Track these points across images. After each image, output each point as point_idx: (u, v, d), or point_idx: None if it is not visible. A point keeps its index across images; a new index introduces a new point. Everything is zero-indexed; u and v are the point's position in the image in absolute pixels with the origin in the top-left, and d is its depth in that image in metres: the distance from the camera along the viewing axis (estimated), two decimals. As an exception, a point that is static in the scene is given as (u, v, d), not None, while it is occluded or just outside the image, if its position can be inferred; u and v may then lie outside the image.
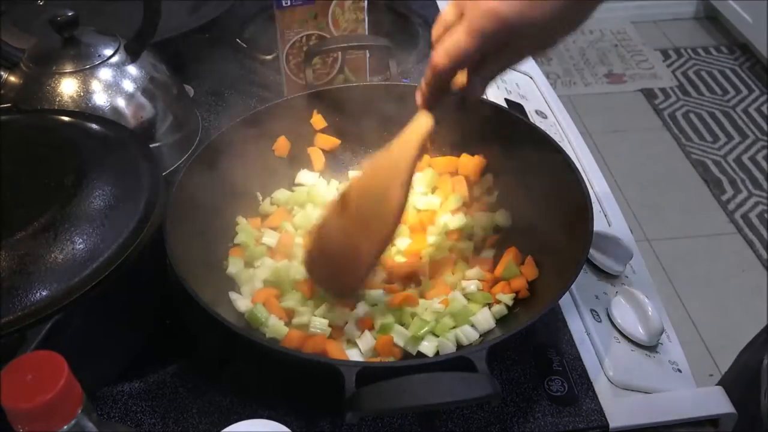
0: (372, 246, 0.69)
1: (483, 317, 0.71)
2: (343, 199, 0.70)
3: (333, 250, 0.70)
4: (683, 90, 2.81)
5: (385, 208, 0.67)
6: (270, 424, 0.51)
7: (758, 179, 2.39)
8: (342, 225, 0.69)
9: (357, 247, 0.69)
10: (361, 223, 0.68)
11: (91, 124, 0.74)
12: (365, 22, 0.98)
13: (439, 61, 0.59)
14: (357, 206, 0.69)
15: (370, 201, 0.68)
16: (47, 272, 0.57)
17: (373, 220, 0.68)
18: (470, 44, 0.57)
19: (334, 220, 0.70)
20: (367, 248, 0.69)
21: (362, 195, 0.69)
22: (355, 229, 0.69)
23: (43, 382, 0.39)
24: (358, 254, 0.69)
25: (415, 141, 0.67)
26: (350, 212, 0.69)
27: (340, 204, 0.70)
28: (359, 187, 0.70)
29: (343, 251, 0.70)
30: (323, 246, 0.71)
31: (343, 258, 0.70)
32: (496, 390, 0.54)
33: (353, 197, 0.69)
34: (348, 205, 0.69)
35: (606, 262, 0.80)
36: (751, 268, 2.11)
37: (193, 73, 1.10)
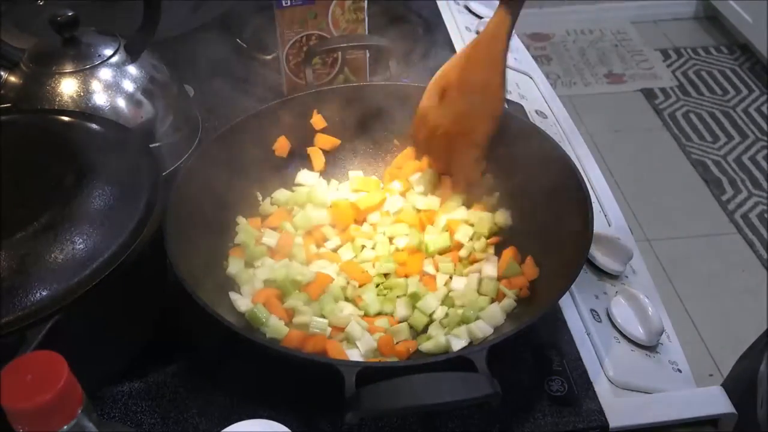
0: (482, 128, 0.78)
1: (493, 311, 0.71)
2: (441, 91, 0.78)
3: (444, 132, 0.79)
4: (683, 90, 2.81)
5: (490, 94, 0.76)
6: (270, 424, 0.51)
7: (758, 179, 2.39)
8: (446, 112, 0.78)
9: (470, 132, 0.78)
10: (468, 111, 0.77)
11: (91, 124, 0.74)
12: (365, 22, 0.98)
13: None
14: (459, 96, 0.77)
15: (472, 91, 0.77)
16: (47, 272, 0.57)
17: (481, 106, 0.76)
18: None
19: (436, 109, 0.79)
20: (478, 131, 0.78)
21: (463, 86, 0.77)
22: (462, 115, 0.78)
23: (43, 382, 0.39)
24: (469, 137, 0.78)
25: (501, 38, 0.74)
26: (453, 101, 0.78)
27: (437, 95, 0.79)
28: (457, 80, 0.77)
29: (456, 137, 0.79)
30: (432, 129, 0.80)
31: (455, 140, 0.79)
32: (496, 390, 0.54)
33: (453, 90, 0.78)
34: (449, 96, 0.78)
35: (606, 262, 0.80)
36: (751, 268, 2.11)
37: (193, 73, 1.10)
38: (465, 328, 0.70)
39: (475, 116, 0.77)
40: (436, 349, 0.69)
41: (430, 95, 0.79)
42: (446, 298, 0.74)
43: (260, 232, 0.80)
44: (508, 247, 0.78)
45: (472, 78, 0.76)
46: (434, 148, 0.82)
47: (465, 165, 0.81)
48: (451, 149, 0.81)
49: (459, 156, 0.81)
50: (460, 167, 0.81)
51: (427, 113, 0.80)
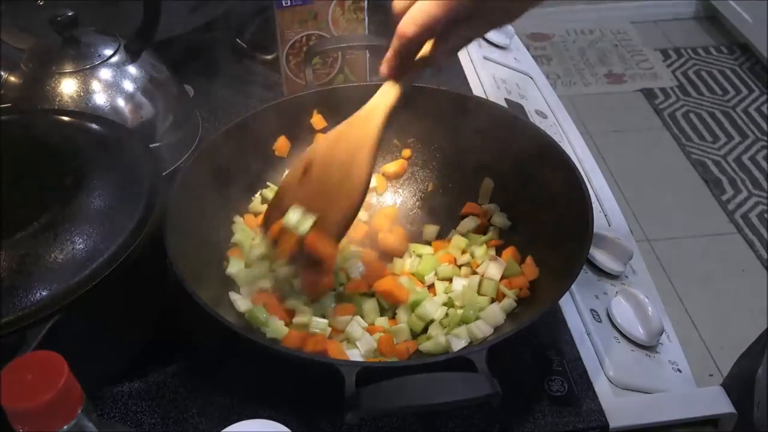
0: (336, 216, 0.67)
1: (493, 311, 0.71)
2: (306, 166, 0.68)
3: None
4: (683, 90, 2.81)
5: (350, 179, 0.66)
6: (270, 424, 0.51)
7: (758, 179, 2.39)
8: (303, 193, 0.68)
9: (322, 216, 0.67)
10: (325, 192, 0.67)
11: (91, 124, 0.74)
12: (365, 22, 0.98)
13: (408, 30, 0.59)
14: (321, 174, 0.68)
15: (334, 170, 0.67)
16: (47, 272, 0.57)
17: (338, 190, 0.67)
18: (440, 12, 0.57)
19: (295, 186, 0.69)
20: (332, 218, 0.67)
21: (326, 164, 0.68)
22: (318, 197, 0.67)
23: (43, 382, 0.39)
24: (322, 224, 0.67)
25: (381, 112, 0.67)
26: (313, 180, 0.68)
27: (301, 170, 0.69)
28: (323, 155, 0.68)
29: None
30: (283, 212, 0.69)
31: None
32: (496, 390, 0.54)
33: (316, 166, 0.68)
34: (311, 173, 0.68)
35: (606, 262, 0.80)
36: (751, 268, 2.11)
37: (193, 73, 1.10)
38: (465, 328, 0.70)
39: (331, 198, 0.67)
40: (436, 349, 0.69)
41: (293, 172, 0.70)
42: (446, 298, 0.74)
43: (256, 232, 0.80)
44: (508, 247, 0.78)
45: (338, 154, 0.67)
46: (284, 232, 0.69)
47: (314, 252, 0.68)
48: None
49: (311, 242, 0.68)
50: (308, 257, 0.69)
51: (287, 189, 0.69)
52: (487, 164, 0.84)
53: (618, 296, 0.76)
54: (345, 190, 0.66)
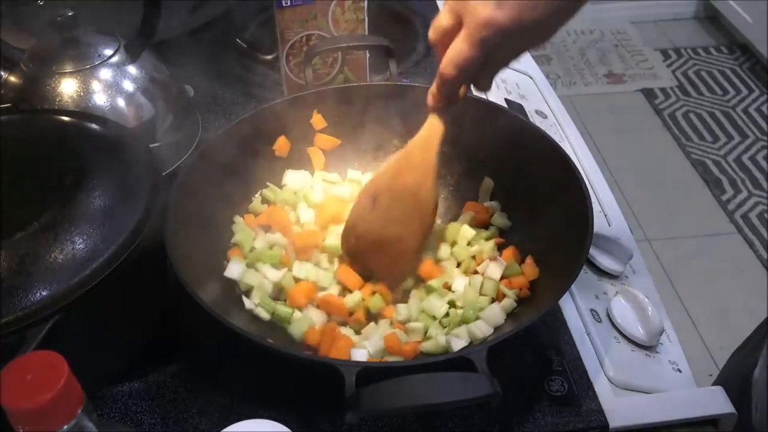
0: (414, 235, 0.74)
1: (493, 311, 0.71)
2: (373, 198, 0.75)
3: (376, 241, 0.75)
4: (683, 90, 2.81)
5: (420, 206, 0.74)
6: (270, 424, 0.51)
7: (758, 179, 2.39)
8: (378, 220, 0.74)
9: (400, 239, 0.74)
10: (398, 219, 0.74)
11: (91, 124, 0.74)
12: (365, 22, 0.98)
13: (448, 72, 0.62)
14: (389, 206, 0.74)
15: (402, 201, 0.74)
16: (47, 272, 0.57)
17: (410, 216, 0.74)
18: (474, 53, 0.60)
19: (368, 216, 0.75)
20: (412, 239, 0.74)
21: (395, 194, 0.74)
22: (392, 224, 0.74)
23: (43, 382, 0.39)
24: (402, 245, 0.74)
25: (435, 141, 0.72)
26: (384, 209, 0.74)
27: (369, 202, 0.75)
28: (389, 187, 0.74)
29: (386, 244, 0.74)
30: (364, 238, 0.75)
31: (388, 249, 0.75)
32: (496, 390, 0.54)
33: (384, 196, 0.74)
34: (380, 203, 0.74)
35: (606, 262, 0.80)
36: (751, 268, 2.11)
37: (193, 73, 1.10)
38: (465, 328, 0.70)
39: (407, 222, 0.74)
40: (436, 349, 0.69)
41: (361, 202, 0.76)
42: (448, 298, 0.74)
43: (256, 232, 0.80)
44: (508, 247, 0.78)
45: (404, 183, 0.73)
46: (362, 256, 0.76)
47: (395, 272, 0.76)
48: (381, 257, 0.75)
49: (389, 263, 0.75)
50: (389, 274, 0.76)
51: (356, 221, 0.76)
52: (487, 164, 0.84)
53: (618, 296, 0.76)
54: (419, 213, 0.74)
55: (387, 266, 0.75)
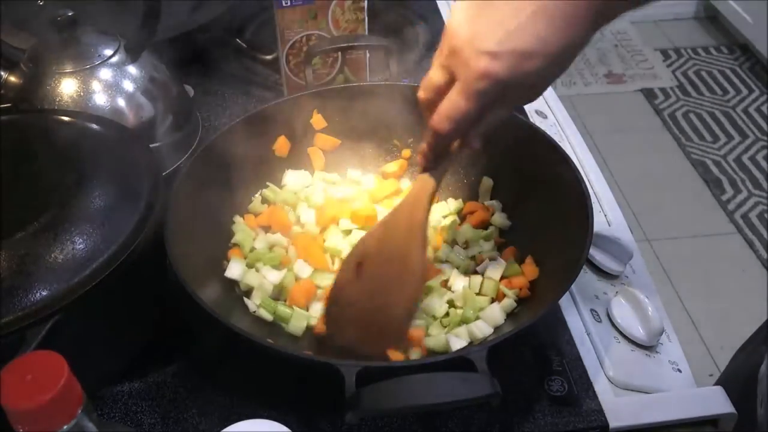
0: (403, 305, 0.68)
1: (493, 312, 0.71)
2: (359, 262, 0.70)
3: (360, 312, 0.69)
4: (683, 90, 2.81)
5: (408, 270, 0.68)
6: (270, 424, 0.51)
7: (758, 179, 2.39)
8: (363, 288, 0.69)
9: (387, 308, 0.68)
10: (386, 285, 0.69)
11: (91, 124, 0.74)
12: (365, 22, 0.98)
13: (442, 127, 0.60)
14: (376, 271, 0.69)
15: (390, 265, 0.69)
16: (47, 272, 0.57)
17: (399, 282, 0.68)
18: (470, 106, 0.57)
19: (352, 284, 0.70)
20: (399, 307, 0.68)
21: (381, 259, 0.69)
22: (380, 291, 0.69)
23: (43, 382, 0.39)
24: (390, 314, 0.68)
25: (424, 201, 0.68)
26: (371, 275, 0.69)
27: (354, 266, 0.70)
28: (376, 251, 0.70)
29: (372, 313, 0.69)
30: (348, 309, 0.70)
31: (374, 320, 0.69)
32: (496, 390, 0.54)
33: (371, 261, 0.70)
34: (366, 268, 0.70)
35: (606, 262, 0.80)
36: (751, 268, 2.11)
37: (193, 73, 1.10)
38: (465, 328, 0.70)
39: (395, 290, 0.68)
40: (438, 346, 0.69)
41: (346, 269, 0.71)
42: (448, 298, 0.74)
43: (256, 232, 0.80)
44: (508, 247, 0.78)
45: (391, 247, 0.69)
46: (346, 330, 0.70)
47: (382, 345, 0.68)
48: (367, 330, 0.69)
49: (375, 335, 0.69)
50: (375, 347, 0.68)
51: (342, 289, 0.70)
52: (486, 164, 0.84)
53: (618, 296, 0.76)
54: (406, 281, 0.68)
55: (373, 339, 0.69)
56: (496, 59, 0.54)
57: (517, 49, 0.53)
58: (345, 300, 0.70)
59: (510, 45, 0.53)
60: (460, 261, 0.77)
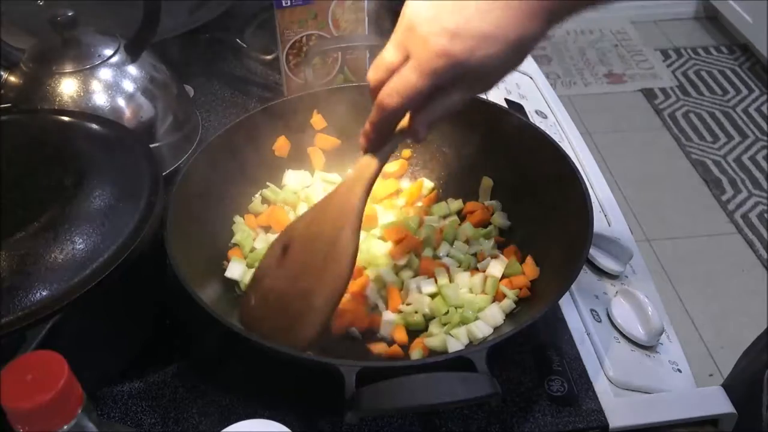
0: (325, 293, 0.64)
1: (492, 312, 0.71)
2: (284, 246, 0.66)
3: (279, 300, 0.66)
4: (683, 90, 2.81)
5: (336, 255, 0.64)
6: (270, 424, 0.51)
7: (758, 179, 2.39)
8: (285, 273, 0.66)
9: (308, 295, 0.64)
10: (309, 270, 0.65)
11: (91, 124, 0.74)
12: (365, 22, 0.98)
13: (390, 101, 0.57)
14: (303, 254, 0.66)
15: (318, 248, 0.65)
16: (47, 272, 0.57)
17: (324, 267, 0.64)
18: (422, 83, 0.55)
19: (275, 268, 0.67)
20: (321, 295, 0.64)
21: (308, 242, 0.66)
22: (302, 276, 0.65)
23: (43, 382, 0.39)
24: (309, 302, 0.64)
25: (362, 185, 0.65)
26: (294, 260, 0.66)
27: (280, 251, 0.67)
28: (303, 234, 0.67)
29: (291, 300, 0.65)
30: (265, 294, 0.67)
31: (292, 307, 0.65)
32: (496, 390, 0.54)
33: (297, 244, 0.66)
34: (291, 252, 0.66)
35: (606, 262, 0.80)
36: (751, 268, 2.11)
37: (193, 73, 1.10)
38: (464, 328, 0.70)
39: (318, 275, 0.64)
40: (439, 345, 0.69)
41: (271, 254, 0.67)
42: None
43: (256, 232, 0.80)
44: (509, 245, 0.78)
45: (319, 232, 0.65)
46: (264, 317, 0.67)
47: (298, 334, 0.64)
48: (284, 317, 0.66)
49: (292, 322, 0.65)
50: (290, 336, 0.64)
51: (262, 277, 0.67)
52: (487, 164, 0.84)
53: (618, 296, 0.76)
54: (330, 268, 0.64)
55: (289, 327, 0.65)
56: (455, 39, 0.53)
57: (478, 31, 0.53)
58: (266, 286, 0.67)
59: (471, 26, 0.53)
60: (461, 257, 0.77)
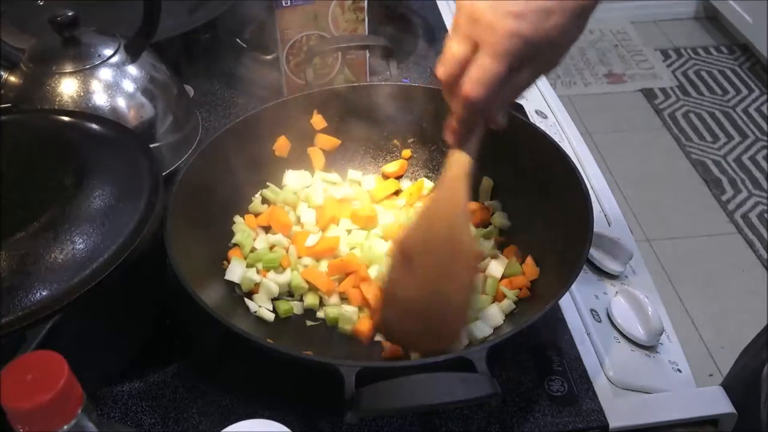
0: (462, 291, 0.65)
1: (492, 312, 0.72)
2: (403, 254, 0.66)
3: (420, 309, 0.66)
4: (683, 90, 2.81)
5: (462, 251, 0.65)
6: (270, 424, 0.51)
7: (758, 179, 2.39)
8: (417, 281, 0.65)
9: (446, 295, 0.65)
10: (441, 273, 0.65)
11: (91, 124, 0.74)
12: (365, 22, 0.98)
13: (475, 93, 0.57)
14: (429, 259, 0.65)
15: (442, 251, 0.65)
16: (47, 272, 0.57)
17: (453, 265, 0.65)
18: (500, 67, 0.56)
19: (404, 279, 0.66)
20: (458, 292, 0.65)
21: (430, 247, 0.66)
22: (436, 281, 0.65)
23: (43, 382, 0.39)
24: (449, 302, 0.65)
25: (462, 182, 0.65)
26: (423, 266, 0.65)
27: (400, 261, 0.66)
28: (422, 241, 0.66)
29: (431, 305, 0.65)
30: (405, 307, 0.66)
31: (434, 311, 0.65)
32: (496, 390, 0.54)
33: (419, 252, 0.66)
34: (417, 261, 0.65)
35: (606, 262, 0.80)
36: (751, 268, 2.11)
37: (193, 73, 1.10)
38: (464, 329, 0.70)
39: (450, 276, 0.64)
40: None
41: (395, 266, 0.66)
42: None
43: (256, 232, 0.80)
44: (509, 245, 0.78)
45: (437, 233, 0.65)
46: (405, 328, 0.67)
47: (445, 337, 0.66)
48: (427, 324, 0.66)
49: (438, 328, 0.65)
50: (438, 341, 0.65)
51: (394, 288, 0.66)
52: (487, 164, 0.84)
53: (618, 296, 0.76)
54: (460, 264, 0.65)
55: (435, 332, 0.65)
56: (521, 18, 0.55)
57: (540, 7, 0.55)
58: (399, 298, 0.66)
59: (532, 4, 0.55)
60: None
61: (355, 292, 0.74)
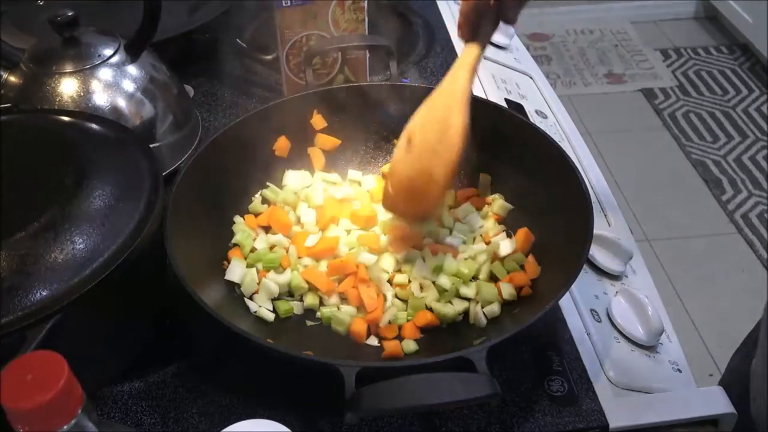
0: (442, 168, 0.71)
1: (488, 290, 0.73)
2: (408, 136, 0.73)
3: (407, 181, 0.74)
4: (683, 90, 2.81)
5: (448, 133, 0.71)
6: (270, 424, 0.51)
7: (758, 179, 2.39)
8: (410, 159, 0.73)
9: (429, 173, 0.72)
10: (428, 151, 0.72)
11: (91, 124, 0.74)
12: (365, 22, 0.98)
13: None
14: (421, 139, 0.73)
15: (432, 131, 0.72)
16: (47, 272, 0.57)
17: (438, 143, 0.71)
18: None
19: (402, 157, 0.74)
20: (439, 167, 0.72)
21: (424, 128, 0.73)
22: (423, 156, 0.72)
23: (43, 382, 0.39)
24: (430, 178, 0.72)
25: (465, 69, 0.71)
26: (416, 145, 0.73)
27: (405, 142, 0.73)
28: (420, 122, 0.73)
29: (416, 180, 0.73)
30: (398, 181, 0.75)
31: (417, 186, 0.73)
32: (496, 390, 0.54)
33: (417, 132, 0.73)
34: (413, 141, 0.73)
35: (606, 262, 0.80)
36: (751, 268, 2.11)
37: (193, 73, 1.10)
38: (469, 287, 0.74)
39: (436, 152, 0.72)
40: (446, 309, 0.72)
41: (399, 146, 0.75)
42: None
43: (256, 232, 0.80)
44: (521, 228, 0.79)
45: (433, 116, 0.72)
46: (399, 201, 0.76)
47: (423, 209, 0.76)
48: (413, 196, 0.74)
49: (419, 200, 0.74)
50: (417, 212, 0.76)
51: (394, 167, 0.75)
52: (487, 164, 0.84)
53: (618, 296, 0.76)
54: (444, 142, 0.71)
55: (417, 203, 0.74)
56: None
57: None
58: (398, 173, 0.74)
59: None
60: (467, 231, 0.80)
61: (354, 292, 0.74)
